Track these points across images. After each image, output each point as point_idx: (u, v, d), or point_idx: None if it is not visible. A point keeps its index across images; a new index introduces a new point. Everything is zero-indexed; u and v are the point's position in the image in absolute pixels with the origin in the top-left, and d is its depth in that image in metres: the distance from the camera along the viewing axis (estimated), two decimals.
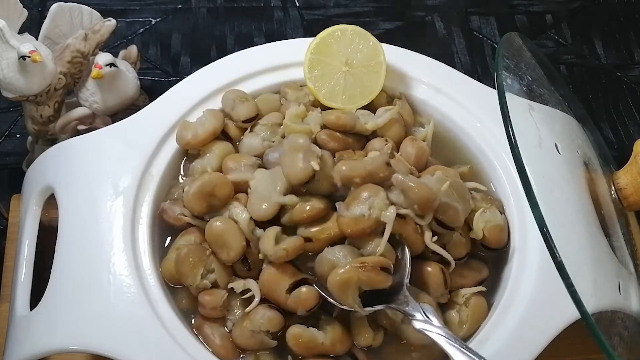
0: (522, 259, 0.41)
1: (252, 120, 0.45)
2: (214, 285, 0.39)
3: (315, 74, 0.45)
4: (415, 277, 0.39)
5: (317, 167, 0.37)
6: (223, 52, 0.51)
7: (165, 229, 0.43)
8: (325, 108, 0.45)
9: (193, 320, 0.40)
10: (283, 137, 0.43)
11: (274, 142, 0.43)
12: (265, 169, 0.41)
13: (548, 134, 0.41)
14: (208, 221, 0.39)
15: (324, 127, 0.43)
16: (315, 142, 0.41)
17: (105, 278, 0.39)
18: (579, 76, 0.66)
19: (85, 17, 0.52)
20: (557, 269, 0.31)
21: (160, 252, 0.42)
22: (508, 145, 0.34)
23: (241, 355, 0.39)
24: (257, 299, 0.38)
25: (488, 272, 0.42)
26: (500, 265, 0.42)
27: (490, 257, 0.43)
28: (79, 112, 0.51)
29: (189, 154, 0.45)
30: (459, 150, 0.47)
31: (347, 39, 0.46)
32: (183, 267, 0.39)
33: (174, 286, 0.41)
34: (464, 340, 0.38)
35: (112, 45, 0.55)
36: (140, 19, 0.66)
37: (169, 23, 0.66)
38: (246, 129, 0.45)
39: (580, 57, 0.67)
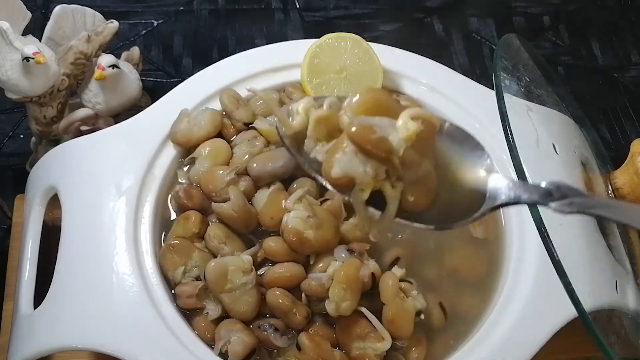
0: (520, 258, 0.42)
1: (250, 124, 0.46)
2: (197, 279, 0.40)
3: (315, 82, 0.46)
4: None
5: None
6: (224, 54, 0.51)
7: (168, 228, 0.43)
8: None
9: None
10: (266, 146, 0.44)
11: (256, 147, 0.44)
12: (250, 175, 0.42)
13: (546, 134, 0.41)
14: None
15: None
16: None
17: (108, 277, 0.39)
18: (576, 77, 0.66)
19: (88, 19, 0.52)
20: (554, 268, 0.31)
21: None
22: (506, 145, 0.34)
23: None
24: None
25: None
26: (498, 264, 0.43)
27: (487, 255, 0.43)
28: (82, 113, 0.52)
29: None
30: None
31: (341, 46, 0.47)
32: (164, 261, 0.40)
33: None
34: None
35: (114, 46, 0.55)
36: (143, 21, 0.66)
37: (171, 25, 0.66)
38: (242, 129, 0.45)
39: (578, 58, 0.67)
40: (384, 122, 0.28)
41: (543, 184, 0.28)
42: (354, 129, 0.27)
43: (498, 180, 0.30)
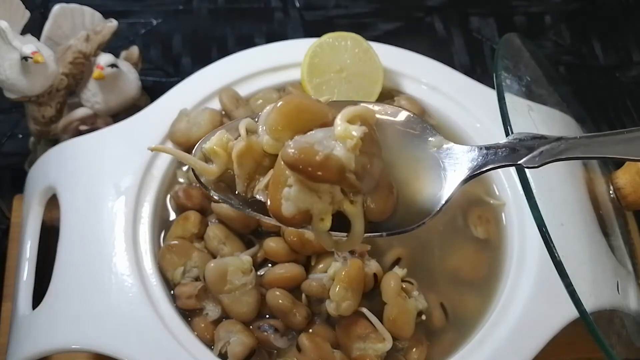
0: (521, 259, 0.42)
1: None
2: (197, 280, 0.40)
3: (315, 82, 0.46)
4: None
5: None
6: (224, 53, 0.51)
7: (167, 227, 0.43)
8: None
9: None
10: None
11: None
12: None
13: (547, 134, 0.41)
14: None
15: None
16: None
17: (106, 277, 0.39)
18: (578, 76, 0.66)
19: (87, 18, 0.52)
20: (556, 268, 0.31)
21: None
22: None
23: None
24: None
25: None
26: (499, 265, 0.43)
27: (488, 255, 0.43)
28: (80, 112, 0.52)
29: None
30: None
31: (342, 46, 0.47)
32: (163, 261, 0.40)
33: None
34: None
35: (113, 46, 0.55)
36: (142, 20, 0.66)
37: (170, 24, 0.66)
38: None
39: (579, 57, 0.67)
40: (320, 135, 0.23)
41: (503, 142, 0.25)
42: (292, 155, 0.22)
43: (454, 152, 0.26)
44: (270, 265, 0.41)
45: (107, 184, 0.42)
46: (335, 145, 0.23)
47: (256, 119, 0.27)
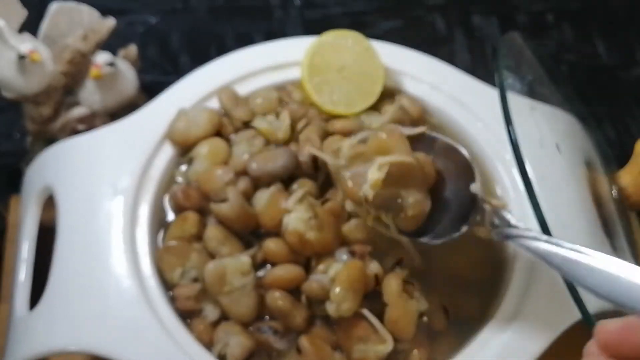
0: (523, 260, 0.41)
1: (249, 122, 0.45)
2: (195, 281, 0.39)
3: (316, 81, 0.45)
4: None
5: None
6: (223, 51, 0.50)
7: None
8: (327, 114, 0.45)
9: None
10: (265, 145, 0.43)
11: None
12: (249, 175, 0.42)
13: (549, 133, 0.41)
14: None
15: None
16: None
17: (104, 279, 0.39)
18: (581, 75, 0.65)
19: (84, 17, 0.51)
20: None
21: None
22: (509, 145, 0.33)
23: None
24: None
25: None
26: (502, 267, 0.42)
27: (490, 256, 0.43)
28: (78, 111, 0.51)
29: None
30: None
31: (342, 44, 0.46)
32: (162, 262, 0.40)
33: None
34: None
35: (111, 44, 0.55)
36: (140, 19, 0.66)
37: (168, 22, 0.65)
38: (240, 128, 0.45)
39: (582, 56, 0.67)
40: (363, 170, 0.36)
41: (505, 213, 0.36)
42: (346, 177, 0.37)
43: (479, 210, 0.37)
44: (270, 266, 0.40)
45: (105, 184, 0.42)
46: (364, 182, 0.36)
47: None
